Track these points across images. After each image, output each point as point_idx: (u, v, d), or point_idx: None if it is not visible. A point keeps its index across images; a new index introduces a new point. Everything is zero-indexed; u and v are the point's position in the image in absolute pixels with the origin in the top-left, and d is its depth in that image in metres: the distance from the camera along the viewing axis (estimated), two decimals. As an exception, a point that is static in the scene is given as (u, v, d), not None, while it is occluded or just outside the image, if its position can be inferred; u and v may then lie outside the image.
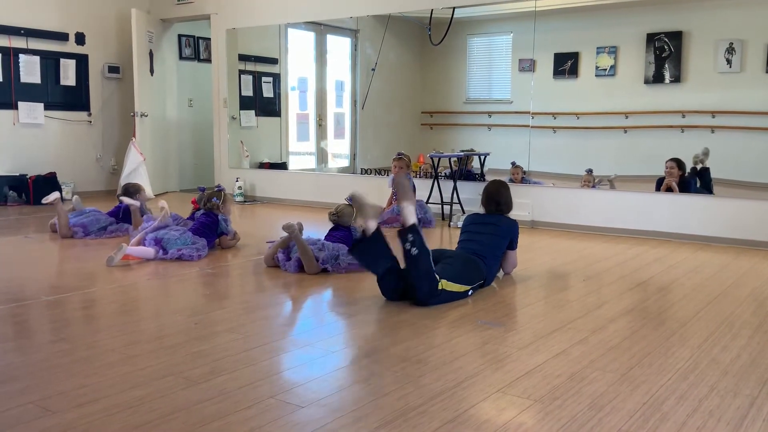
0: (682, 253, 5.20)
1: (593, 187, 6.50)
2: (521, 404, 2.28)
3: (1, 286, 3.91)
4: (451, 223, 6.43)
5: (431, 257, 3.49)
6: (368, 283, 3.98)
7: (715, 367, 2.65)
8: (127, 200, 5.45)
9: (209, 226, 4.94)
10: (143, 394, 2.31)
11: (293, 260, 4.31)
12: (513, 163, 6.89)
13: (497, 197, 4.19)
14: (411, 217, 3.51)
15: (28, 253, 5.05)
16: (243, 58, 8.78)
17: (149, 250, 4.60)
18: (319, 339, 3.04)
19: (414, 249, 3.41)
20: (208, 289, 4.00)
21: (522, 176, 6.82)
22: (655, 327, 3.21)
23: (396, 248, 3.54)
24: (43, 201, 5.48)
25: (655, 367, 2.65)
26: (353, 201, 3.79)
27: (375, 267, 3.58)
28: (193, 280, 4.15)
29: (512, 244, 4.16)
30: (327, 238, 4.55)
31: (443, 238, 5.83)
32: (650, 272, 4.48)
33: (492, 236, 4.04)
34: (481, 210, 4.32)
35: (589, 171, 6.59)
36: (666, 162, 6.05)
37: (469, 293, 3.71)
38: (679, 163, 6.03)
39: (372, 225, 3.51)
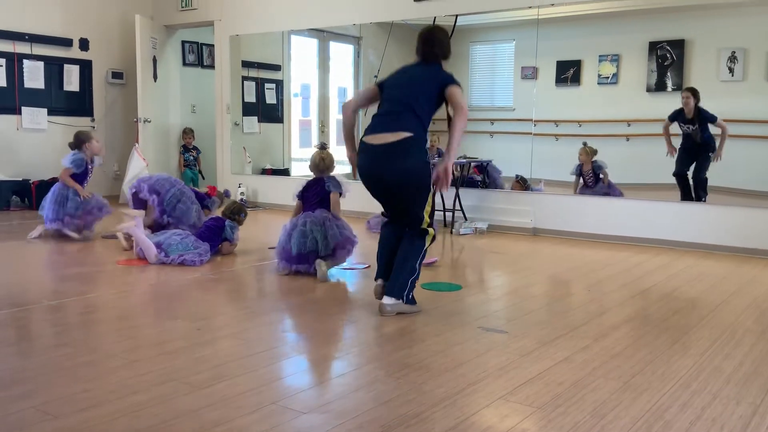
0: (684, 261, 5.20)
1: (592, 179, 6.60)
2: (524, 411, 2.27)
3: (3, 290, 3.91)
4: (454, 230, 6.43)
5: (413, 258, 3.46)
6: (369, 289, 3.98)
7: (718, 375, 2.65)
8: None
9: (215, 230, 4.95)
10: (145, 400, 2.30)
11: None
12: (516, 176, 6.94)
13: (432, 38, 3.56)
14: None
15: (31, 257, 5.05)
16: (246, 64, 8.80)
17: (152, 248, 4.60)
18: (321, 345, 3.04)
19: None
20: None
21: (525, 188, 6.85)
22: (658, 335, 3.20)
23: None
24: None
25: (657, 374, 2.64)
26: None
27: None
28: (195, 285, 4.15)
29: (449, 82, 3.44)
30: (304, 209, 4.51)
31: (445, 246, 5.83)
32: (653, 280, 4.47)
33: (420, 82, 3.48)
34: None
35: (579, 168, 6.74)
36: (681, 93, 6.18)
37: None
38: (693, 92, 6.10)
39: None
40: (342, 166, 8.96)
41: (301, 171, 9.10)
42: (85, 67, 8.55)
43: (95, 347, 2.89)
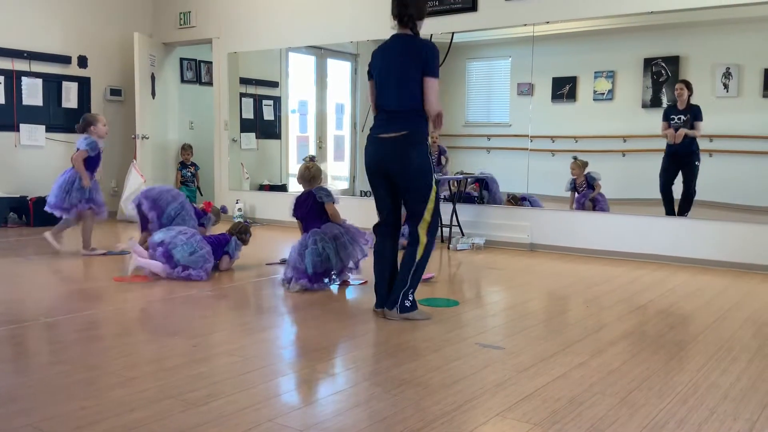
0: (680, 276, 5.21)
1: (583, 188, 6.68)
2: (521, 428, 2.27)
3: (0, 307, 3.90)
4: (451, 246, 6.44)
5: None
6: (367, 305, 3.98)
7: (715, 391, 2.65)
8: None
9: (221, 242, 5.00)
10: (142, 417, 2.30)
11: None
12: (508, 195, 7.01)
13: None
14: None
15: (28, 274, 5.05)
16: (244, 81, 8.85)
17: (158, 264, 4.60)
18: (318, 361, 3.03)
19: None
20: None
21: (519, 203, 6.91)
22: (655, 350, 3.20)
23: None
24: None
25: (654, 390, 2.64)
26: None
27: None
28: (193, 301, 4.15)
29: (427, 70, 3.49)
30: (306, 224, 4.59)
31: (442, 262, 5.84)
32: (649, 295, 4.48)
33: (405, 74, 3.53)
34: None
35: (572, 182, 6.80)
36: (677, 84, 6.28)
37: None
38: (687, 84, 6.19)
39: None
40: (339, 181, 9.05)
41: (299, 187, 9.13)
42: (84, 84, 8.59)
43: (92, 364, 2.89)
